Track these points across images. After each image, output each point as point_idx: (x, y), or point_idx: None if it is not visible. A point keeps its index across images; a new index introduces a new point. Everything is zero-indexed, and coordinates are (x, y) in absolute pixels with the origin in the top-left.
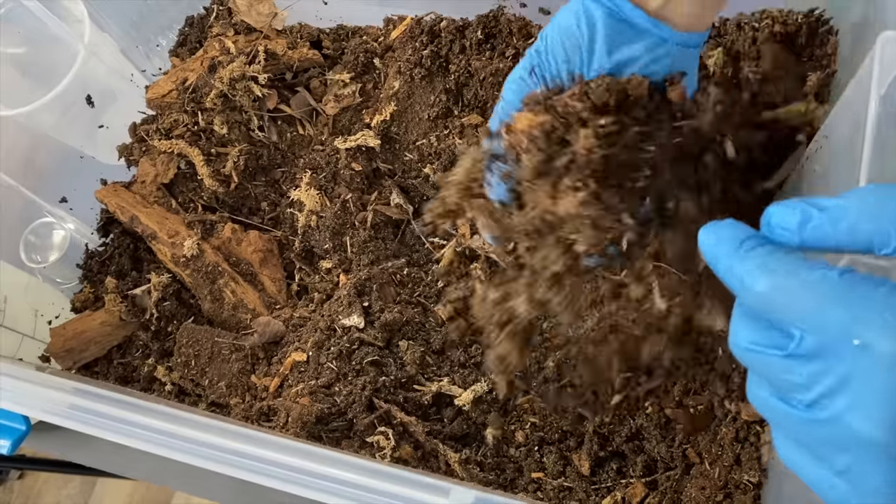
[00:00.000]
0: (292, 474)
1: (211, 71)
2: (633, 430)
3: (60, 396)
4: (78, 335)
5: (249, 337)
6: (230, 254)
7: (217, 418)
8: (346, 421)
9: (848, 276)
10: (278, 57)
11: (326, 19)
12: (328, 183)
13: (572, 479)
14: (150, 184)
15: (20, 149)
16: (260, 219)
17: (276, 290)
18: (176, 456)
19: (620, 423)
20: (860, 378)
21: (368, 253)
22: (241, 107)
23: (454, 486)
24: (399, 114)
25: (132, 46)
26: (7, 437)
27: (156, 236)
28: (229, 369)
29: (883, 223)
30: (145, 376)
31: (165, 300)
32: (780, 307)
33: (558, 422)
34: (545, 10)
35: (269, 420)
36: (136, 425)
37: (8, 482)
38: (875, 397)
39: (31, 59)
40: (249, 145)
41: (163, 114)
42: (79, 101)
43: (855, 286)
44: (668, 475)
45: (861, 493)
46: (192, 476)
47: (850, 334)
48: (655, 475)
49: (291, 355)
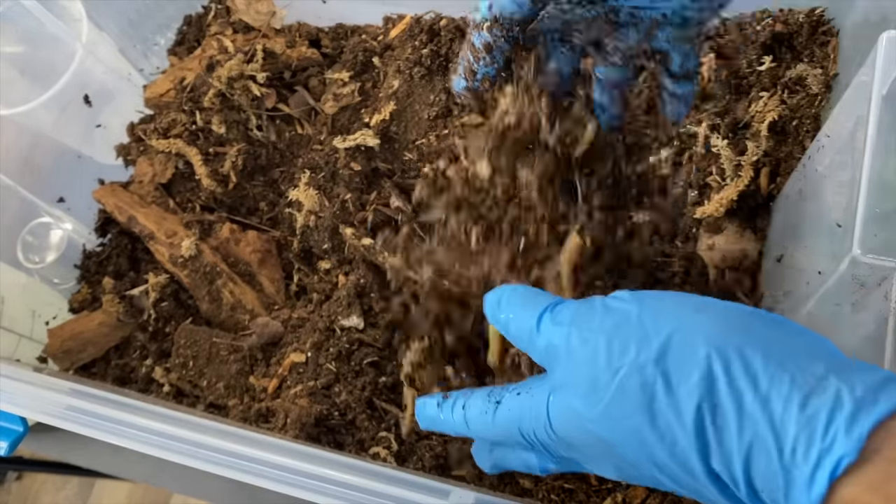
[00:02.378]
0: (291, 476)
1: (209, 70)
2: None
3: (58, 398)
4: (75, 336)
5: (248, 338)
6: (228, 254)
7: (215, 420)
8: (346, 422)
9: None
10: (277, 56)
11: (325, 18)
12: (327, 183)
13: (573, 480)
14: (147, 184)
15: (17, 148)
16: (258, 219)
17: (275, 291)
18: (173, 458)
19: None
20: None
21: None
22: (240, 106)
23: (454, 487)
24: (398, 113)
25: (130, 45)
26: (4, 438)
27: (153, 236)
28: (227, 370)
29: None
30: (143, 377)
31: (163, 301)
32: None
33: None
34: None
35: (268, 421)
36: (134, 427)
37: (6, 483)
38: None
39: (29, 58)
40: (248, 145)
41: (161, 113)
42: (76, 100)
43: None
44: None
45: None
46: (189, 477)
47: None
48: None
49: (290, 356)
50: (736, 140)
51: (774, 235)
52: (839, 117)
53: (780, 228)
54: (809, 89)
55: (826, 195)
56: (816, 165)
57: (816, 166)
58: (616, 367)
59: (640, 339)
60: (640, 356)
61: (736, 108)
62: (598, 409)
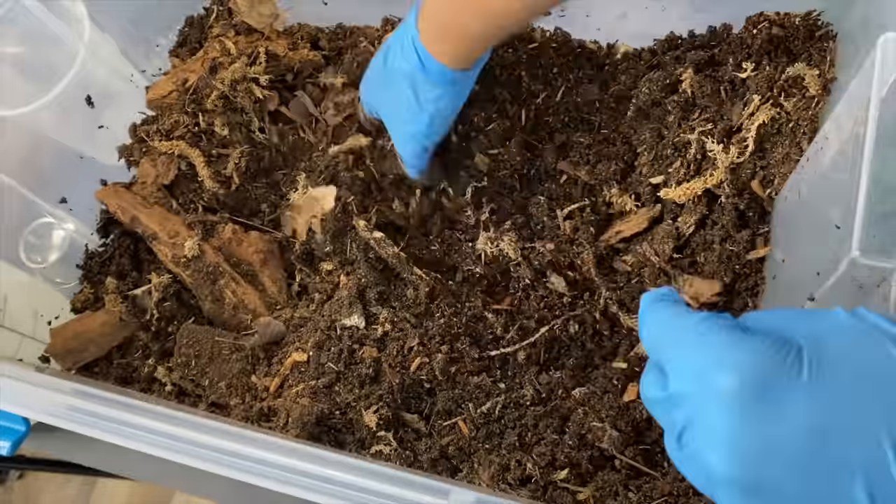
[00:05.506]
0: (292, 476)
1: (212, 72)
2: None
3: (60, 398)
4: (78, 335)
5: (250, 337)
6: (231, 254)
7: (216, 419)
8: (347, 422)
9: (705, 322)
10: (279, 58)
11: (326, 20)
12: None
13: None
14: (150, 184)
15: (20, 149)
16: (260, 220)
17: (277, 291)
18: (175, 458)
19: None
20: (705, 415)
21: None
22: (242, 108)
23: (453, 487)
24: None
25: (132, 46)
26: (7, 438)
27: (156, 237)
28: (229, 369)
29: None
30: (145, 377)
31: (166, 300)
32: (657, 350)
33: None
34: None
35: (270, 421)
36: (136, 427)
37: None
38: (716, 433)
39: (31, 59)
40: (250, 147)
41: (163, 114)
42: (78, 101)
43: (706, 330)
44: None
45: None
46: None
47: (697, 372)
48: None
49: (292, 356)
50: (729, 144)
51: (773, 237)
52: (838, 119)
53: (778, 230)
54: (807, 91)
55: (825, 197)
56: (815, 167)
57: (815, 168)
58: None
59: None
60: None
61: (731, 112)
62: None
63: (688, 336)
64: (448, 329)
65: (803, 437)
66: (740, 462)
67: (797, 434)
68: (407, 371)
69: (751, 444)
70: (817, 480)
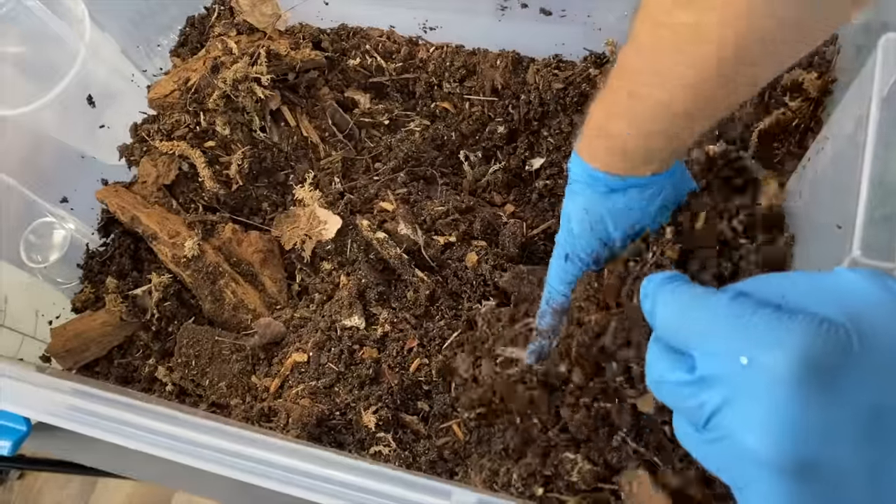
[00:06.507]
0: (293, 476)
1: (213, 71)
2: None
3: (61, 398)
4: (79, 335)
5: (250, 337)
6: (231, 254)
7: (217, 419)
8: (347, 422)
9: (737, 303)
10: (281, 58)
11: (328, 19)
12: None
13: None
14: (151, 184)
15: (20, 149)
16: (261, 219)
17: (277, 291)
18: (176, 457)
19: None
20: (746, 394)
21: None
22: (244, 108)
23: (455, 488)
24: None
25: (132, 46)
26: (8, 438)
27: (156, 236)
28: (230, 370)
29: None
30: (146, 376)
31: (166, 300)
32: (680, 333)
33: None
34: (546, 11)
35: (270, 421)
36: (137, 427)
37: (8, 482)
38: (760, 411)
39: (32, 58)
40: (252, 147)
41: (164, 114)
42: (79, 100)
43: (742, 309)
44: None
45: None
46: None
47: (736, 354)
48: None
49: (292, 356)
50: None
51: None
52: (839, 120)
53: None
54: (808, 93)
55: (826, 197)
56: (816, 167)
57: (816, 168)
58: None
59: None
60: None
61: (730, 115)
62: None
63: (719, 318)
64: (448, 331)
65: (863, 415)
66: (796, 443)
67: (857, 412)
68: (406, 372)
69: (811, 424)
70: (877, 457)
